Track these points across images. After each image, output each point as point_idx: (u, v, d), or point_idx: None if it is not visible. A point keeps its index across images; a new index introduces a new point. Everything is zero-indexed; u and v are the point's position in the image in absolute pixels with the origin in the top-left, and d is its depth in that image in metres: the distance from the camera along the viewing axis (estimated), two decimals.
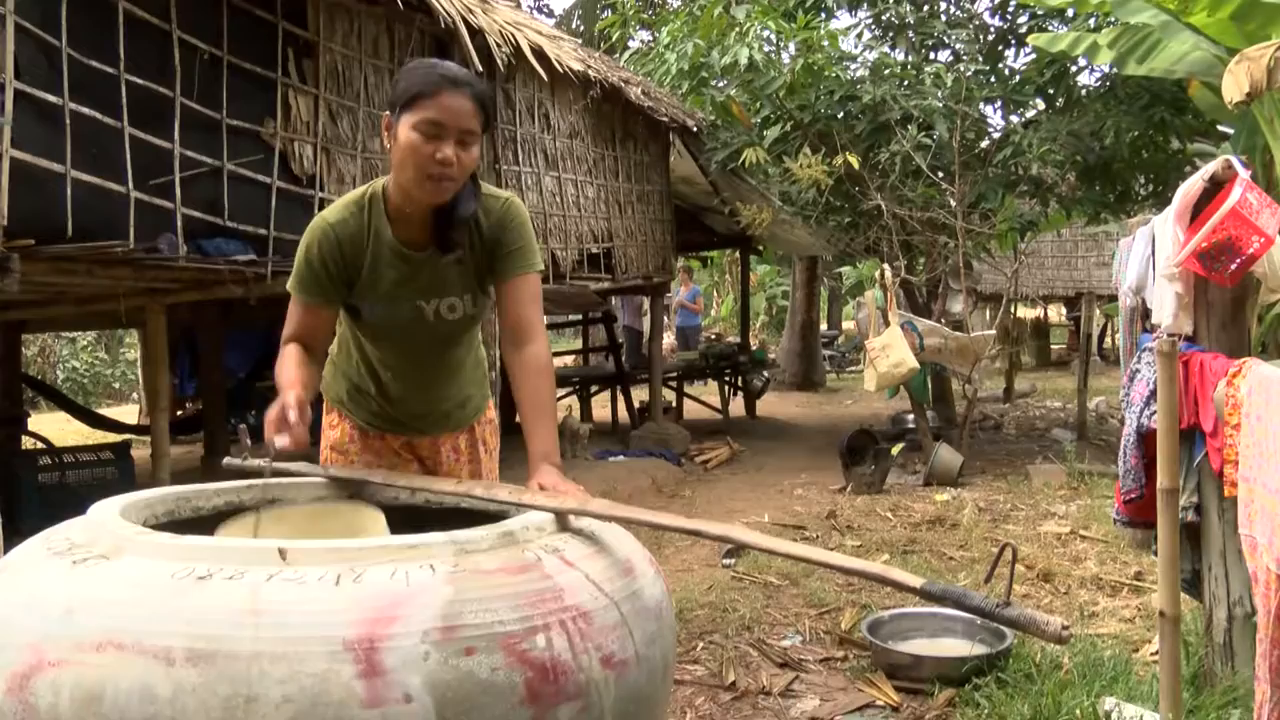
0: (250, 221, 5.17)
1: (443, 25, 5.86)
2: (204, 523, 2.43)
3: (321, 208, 5.50)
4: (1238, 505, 2.62)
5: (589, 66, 8.07)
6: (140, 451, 7.59)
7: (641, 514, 2.07)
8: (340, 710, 1.59)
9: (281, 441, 2.26)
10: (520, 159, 7.55)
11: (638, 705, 1.90)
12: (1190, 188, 3.16)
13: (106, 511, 2.08)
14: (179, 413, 11.02)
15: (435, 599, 1.71)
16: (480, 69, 6.19)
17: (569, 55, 7.74)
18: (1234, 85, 4.08)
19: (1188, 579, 3.36)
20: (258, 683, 1.60)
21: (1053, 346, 23.43)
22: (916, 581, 1.67)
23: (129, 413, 13.50)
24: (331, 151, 5.72)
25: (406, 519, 2.50)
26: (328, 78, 5.72)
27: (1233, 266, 2.90)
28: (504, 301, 2.55)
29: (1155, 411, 3.00)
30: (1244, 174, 2.95)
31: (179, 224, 4.72)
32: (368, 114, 5.98)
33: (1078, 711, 3.24)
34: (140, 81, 4.51)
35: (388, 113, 2.38)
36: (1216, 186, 3.09)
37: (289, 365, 2.47)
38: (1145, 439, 3.36)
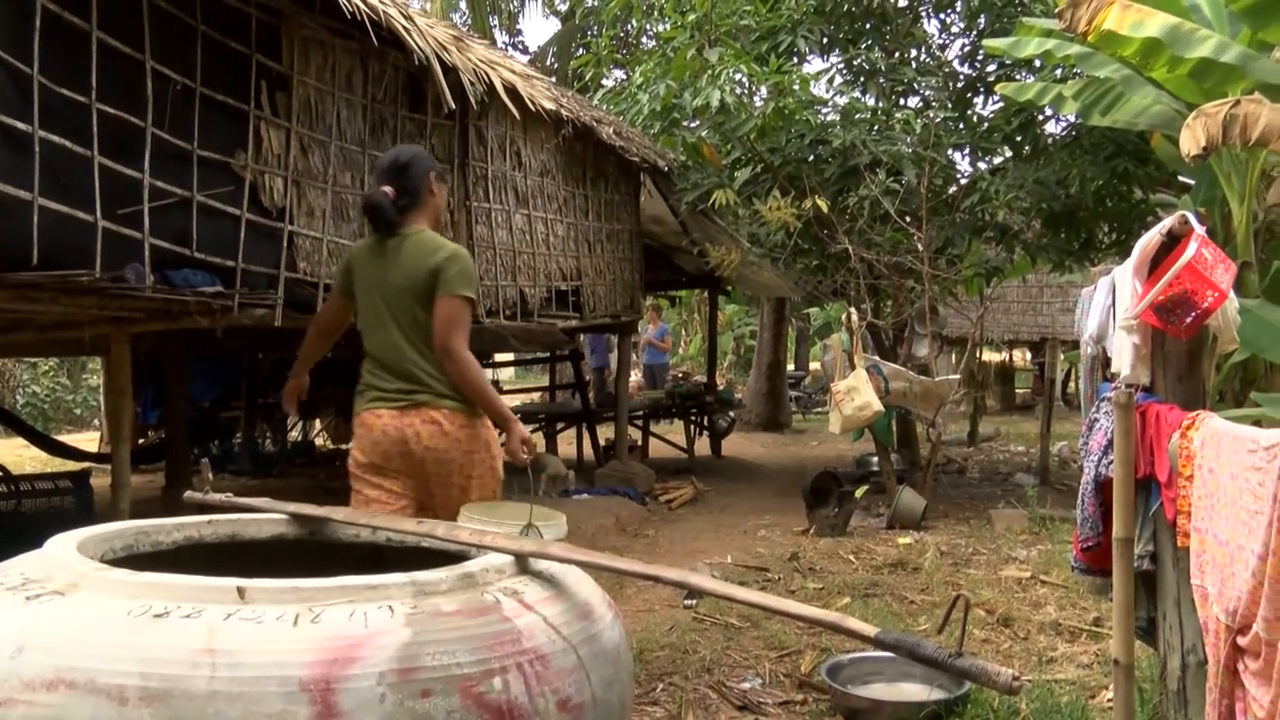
0: (218, 253, 5.15)
1: (416, 62, 5.88)
2: (164, 558, 2.41)
3: (291, 241, 5.56)
4: (1190, 555, 2.66)
5: (561, 105, 8.12)
6: (100, 480, 7.50)
7: (600, 558, 2.08)
8: None
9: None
10: (491, 196, 7.57)
11: None
12: (1148, 241, 3.22)
13: (63, 546, 2.07)
14: (141, 441, 10.93)
15: (393, 641, 1.71)
16: (453, 106, 6.22)
17: (541, 94, 7.78)
18: (1192, 140, 4.17)
19: (1143, 626, 3.39)
20: None
21: (1017, 391, 23.62)
22: (870, 630, 1.69)
23: (90, 440, 13.35)
24: (302, 185, 5.71)
25: (367, 558, 2.50)
26: (300, 111, 5.73)
27: (1188, 320, 2.95)
28: None
29: (1113, 461, 3.04)
30: (1199, 229, 3.01)
31: (146, 254, 4.69)
32: (340, 148, 5.99)
33: None
34: (111, 111, 4.50)
35: (433, 171, 3.84)
36: (1174, 241, 3.15)
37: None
38: (1102, 487, 3.40)
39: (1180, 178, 8.15)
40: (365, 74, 6.22)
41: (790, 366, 22.32)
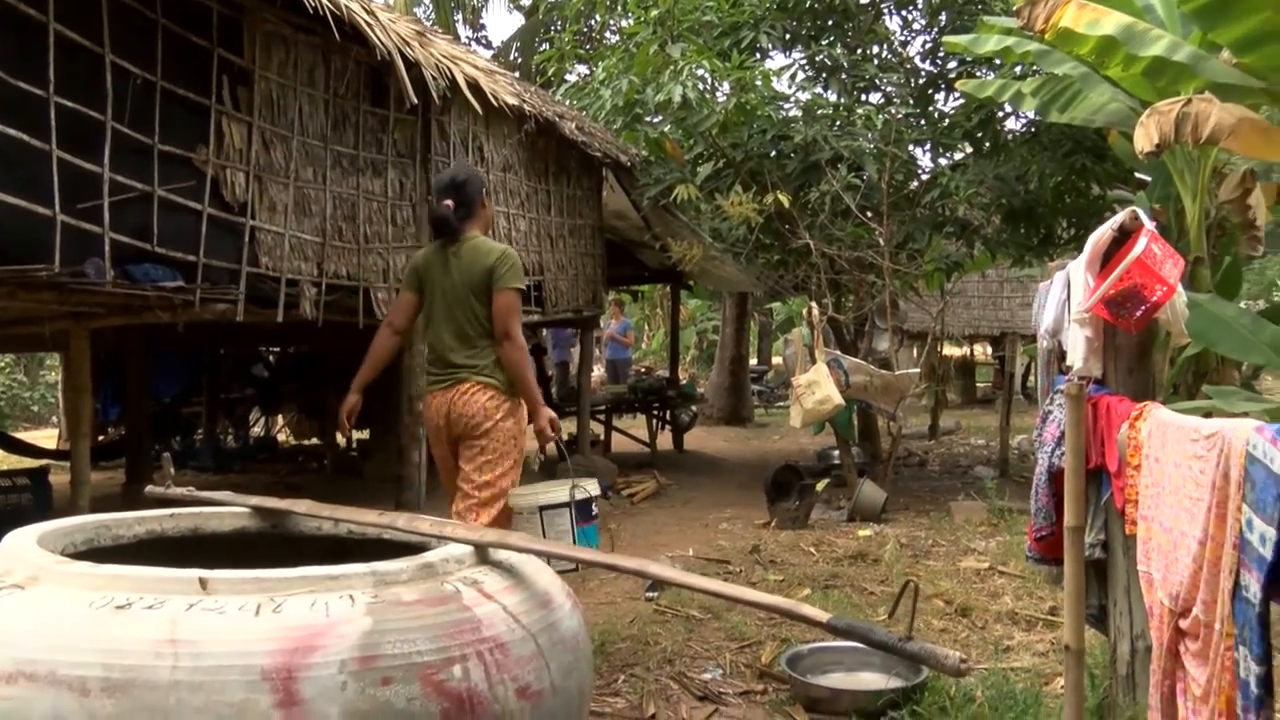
0: (180, 248, 5.13)
1: (379, 57, 5.87)
2: (125, 551, 2.42)
3: (253, 236, 5.55)
4: (1137, 543, 2.72)
5: (524, 101, 8.12)
6: (59, 478, 7.44)
7: (559, 548, 2.11)
8: None
9: None
10: None
11: None
12: (1100, 236, 3.28)
13: (23, 540, 2.08)
14: (101, 438, 10.84)
15: (354, 630, 1.74)
16: (415, 101, 6.22)
17: (504, 89, 7.78)
18: (1145, 137, 4.24)
19: (1095, 614, 3.46)
20: (175, 712, 1.61)
21: (978, 384, 23.80)
22: (823, 616, 1.73)
23: (48, 437, 13.23)
24: (264, 180, 5.70)
25: (330, 550, 2.51)
26: (262, 106, 5.71)
27: (1138, 314, 3.01)
28: None
29: (1065, 451, 3.10)
30: (1149, 225, 3.07)
31: (106, 249, 4.68)
32: (301, 143, 5.97)
33: None
34: (70, 104, 4.48)
35: (485, 187, 4.51)
36: (1125, 236, 3.21)
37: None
38: (1055, 478, 3.46)
39: (1137, 174, 8.24)
40: (327, 69, 6.21)
41: (752, 361, 22.41)
